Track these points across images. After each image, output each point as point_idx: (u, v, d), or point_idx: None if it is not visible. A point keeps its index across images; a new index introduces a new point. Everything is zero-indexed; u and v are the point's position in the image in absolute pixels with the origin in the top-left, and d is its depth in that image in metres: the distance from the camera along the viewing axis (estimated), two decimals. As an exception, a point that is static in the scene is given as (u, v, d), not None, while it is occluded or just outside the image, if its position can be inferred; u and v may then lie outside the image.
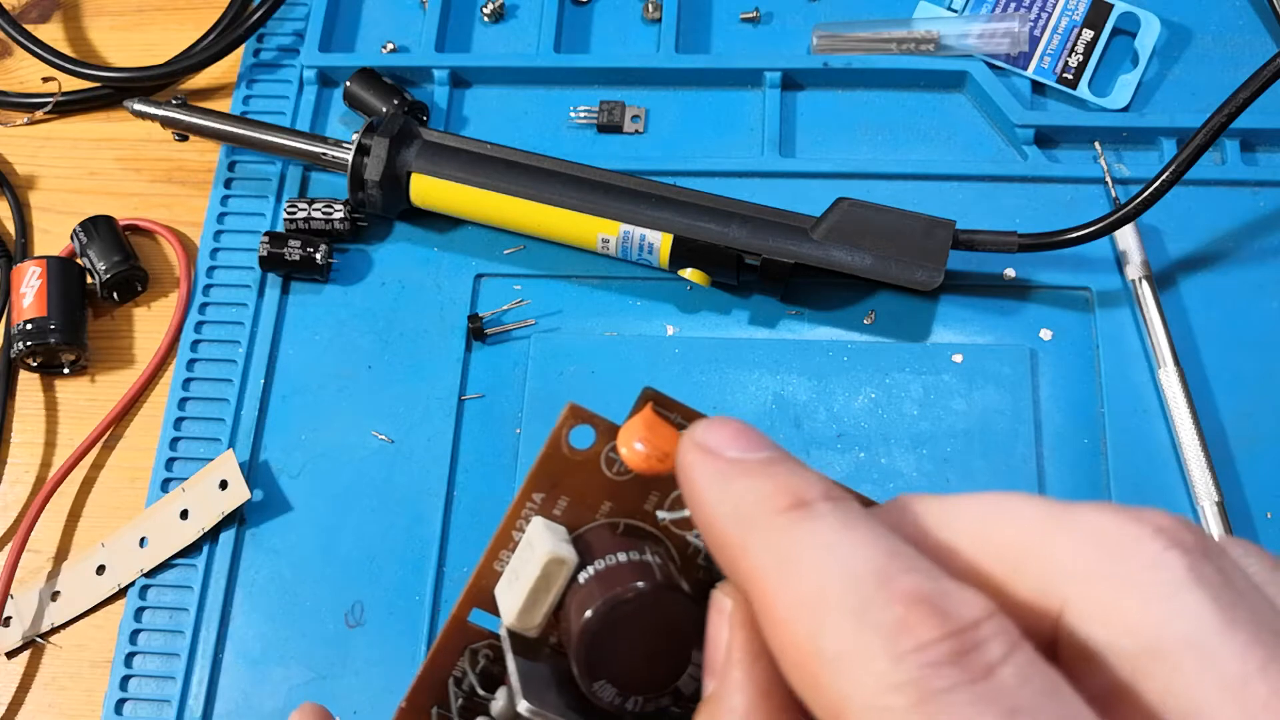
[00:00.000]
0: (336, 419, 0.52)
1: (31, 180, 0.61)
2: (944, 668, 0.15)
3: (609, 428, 0.23)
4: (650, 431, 0.22)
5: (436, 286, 0.55)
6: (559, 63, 0.59)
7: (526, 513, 0.23)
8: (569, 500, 0.23)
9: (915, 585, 0.16)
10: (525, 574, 0.22)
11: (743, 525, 0.19)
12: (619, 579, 0.22)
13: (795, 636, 0.17)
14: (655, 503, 0.24)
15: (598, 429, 0.23)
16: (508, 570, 0.23)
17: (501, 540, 0.23)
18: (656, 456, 0.22)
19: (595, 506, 0.24)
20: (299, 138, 0.56)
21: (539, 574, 0.22)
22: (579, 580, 0.22)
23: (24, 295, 0.54)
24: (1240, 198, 0.54)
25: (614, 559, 0.22)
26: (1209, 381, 0.50)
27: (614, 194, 0.52)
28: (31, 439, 0.55)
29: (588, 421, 0.23)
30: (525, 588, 0.22)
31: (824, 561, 0.17)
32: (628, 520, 0.24)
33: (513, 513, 0.23)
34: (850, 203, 0.51)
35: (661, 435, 0.22)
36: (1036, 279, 0.53)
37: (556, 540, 0.22)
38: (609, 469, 0.23)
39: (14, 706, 0.49)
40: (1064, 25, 0.58)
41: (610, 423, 0.23)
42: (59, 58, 0.61)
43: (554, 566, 0.22)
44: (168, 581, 0.50)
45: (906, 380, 0.51)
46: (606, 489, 0.23)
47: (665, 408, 0.23)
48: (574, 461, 0.23)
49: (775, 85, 0.57)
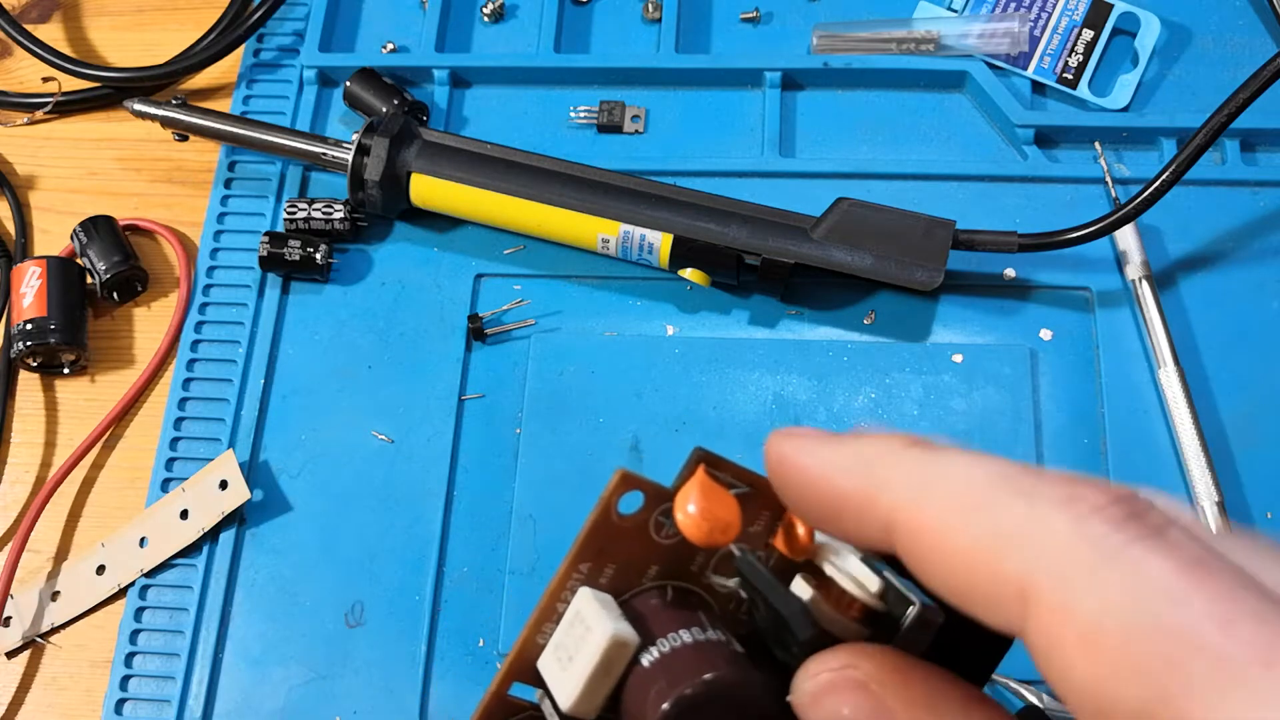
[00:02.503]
0: (336, 419, 0.52)
1: (31, 180, 0.61)
2: (1124, 523, 0.16)
3: (658, 491, 0.22)
4: (708, 500, 0.21)
5: (436, 286, 0.55)
6: (559, 63, 0.59)
7: (573, 584, 0.22)
8: (615, 567, 0.23)
9: (1064, 474, 0.17)
10: (583, 656, 0.21)
11: (872, 468, 0.19)
12: (690, 666, 0.21)
13: (962, 536, 0.17)
14: (700, 564, 0.23)
15: (646, 493, 0.22)
16: (554, 645, 0.22)
17: (546, 612, 0.22)
18: (719, 529, 0.21)
19: (641, 571, 0.23)
20: (299, 138, 0.56)
21: (600, 659, 0.21)
22: (642, 663, 0.21)
23: (24, 295, 0.54)
24: (1240, 198, 0.54)
25: (678, 639, 0.22)
26: (1209, 381, 0.50)
27: (614, 194, 0.52)
28: (31, 439, 0.55)
29: (637, 487, 0.22)
30: (584, 672, 0.21)
31: (973, 466, 0.18)
32: (674, 583, 0.23)
33: (558, 583, 0.22)
34: (850, 203, 0.51)
35: (720, 503, 0.21)
36: (1036, 279, 0.53)
37: (614, 619, 0.22)
38: (656, 533, 0.22)
39: (14, 706, 0.49)
40: (1064, 25, 0.58)
41: (659, 486, 0.22)
42: (59, 58, 0.61)
43: (616, 651, 0.21)
44: (168, 581, 0.50)
45: (906, 380, 0.51)
46: (653, 553, 0.23)
47: (716, 467, 0.22)
48: (621, 528, 0.22)
49: (775, 85, 0.57)
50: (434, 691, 0.47)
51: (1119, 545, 0.16)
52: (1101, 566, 0.16)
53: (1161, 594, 0.15)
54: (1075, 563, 0.16)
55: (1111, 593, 0.16)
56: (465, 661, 0.47)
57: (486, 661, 0.47)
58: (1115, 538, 0.16)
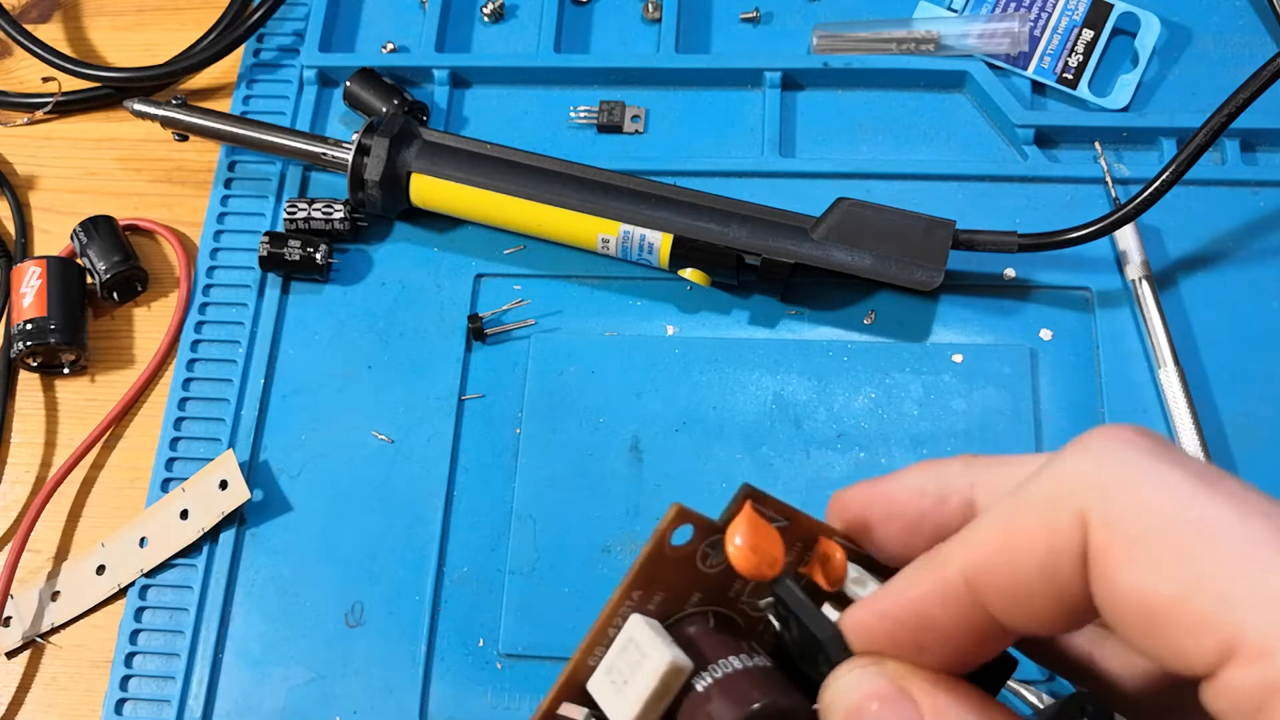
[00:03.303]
0: (336, 419, 0.52)
1: (31, 180, 0.61)
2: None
3: (708, 525, 0.23)
4: (757, 535, 0.23)
5: (436, 286, 0.55)
6: (559, 63, 0.59)
7: (625, 610, 0.24)
8: (663, 594, 0.24)
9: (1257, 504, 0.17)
10: (640, 680, 0.23)
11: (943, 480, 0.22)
12: (742, 689, 0.22)
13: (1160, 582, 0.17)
14: (738, 590, 0.25)
15: (697, 527, 0.23)
16: (606, 667, 0.23)
17: (598, 636, 0.24)
18: (767, 563, 0.22)
19: (685, 597, 0.24)
20: (299, 138, 0.56)
21: (658, 683, 0.22)
22: (696, 687, 0.23)
23: (24, 295, 0.54)
24: (1240, 198, 0.54)
25: (729, 665, 0.23)
26: (1209, 381, 0.50)
27: (614, 194, 0.52)
28: (31, 439, 0.55)
29: (689, 521, 0.23)
30: (642, 695, 0.22)
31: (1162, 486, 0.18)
32: (716, 609, 0.25)
33: (612, 609, 0.24)
34: (850, 203, 0.51)
35: (768, 539, 0.23)
36: (1036, 279, 0.53)
37: (668, 645, 0.23)
38: (703, 563, 0.24)
39: (14, 706, 0.49)
40: (1064, 25, 0.58)
41: (709, 520, 0.23)
42: (59, 58, 0.61)
43: (672, 676, 0.23)
44: (168, 581, 0.50)
45: (906, 380, 0.51)
46: (698, 581, 0.24)
47: (760, 503, 0.23)
48: (672, 559, 0.23)
49: (775, 85, 0.57)
50: (434, 691, 0.47)
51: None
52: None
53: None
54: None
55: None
56: (465, 661, 0.47)
57: (486, 661, 0.47)
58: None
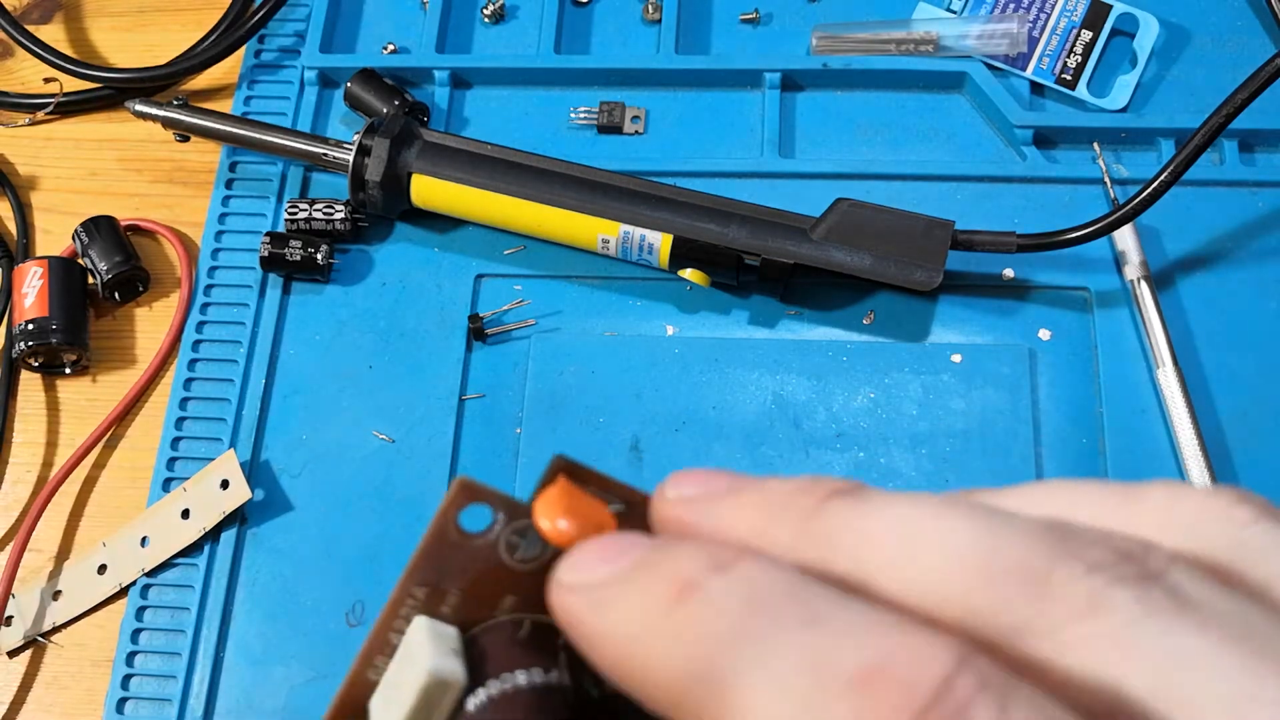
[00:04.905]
0: (337, 419, 0.52)
1: (33, 180, 0.61)
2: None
3: (509, 506, 0.19)
4: (579, 511, 0.19)
5: (437, 287, 0.55)
6: (559, 64, 0.59)
7: (407, 611, 0.19)
8: (460, 595, 0.19)
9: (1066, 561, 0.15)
10: (404, 696, 0.18)
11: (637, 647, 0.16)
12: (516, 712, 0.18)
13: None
14: None
15: (496, 507, 0.19)
16: (385, 682, 0.19)
17: (377, 643, 0.19)
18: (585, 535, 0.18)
19: (494, 602, 0.19)
20: (300, 138, 0.56)
21: (416, 700, 0.18)
22: (468, 708, 0.18)
23: (26, 295, 0.55)
24: (1239, 198, 0.54)
25: (511, 681, 0.19)
26: (1207, 381, 0.50)
27: (614, 194, 0.52)
28: (33, 439, 0.55)
29: (483, 499, 0.19)
30: (404, 710, 0.18)
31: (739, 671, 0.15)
32: (535, 617, 0.19)
33: (390, 611, 0.19)
34: (849, 203, 0.51)
35: (591, 508, 0.19)
36: (1035, 279, 0.53)
37: (441, 653, 0.18)
38: (510, 555, 0.19)
39: (15, 705, 0.49)
40: (1063, 26, 0.58)
41: (510, 498, 0.19)
42: (60, 58, 0.61)
43: (436, 690, 0.18)
44: (169, 581, 0.50)
45: (906, 380, 0.51)
46: (507, 580, 0.19)
47: (580, 479, 0.19)
48: (467, 548, 0.19)
49: (775, 86, 0.58)
50: (434, 690, 0.47)
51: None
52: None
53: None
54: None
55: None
56: (466, 660, 0.47)
57: (487, 660, 0.47)
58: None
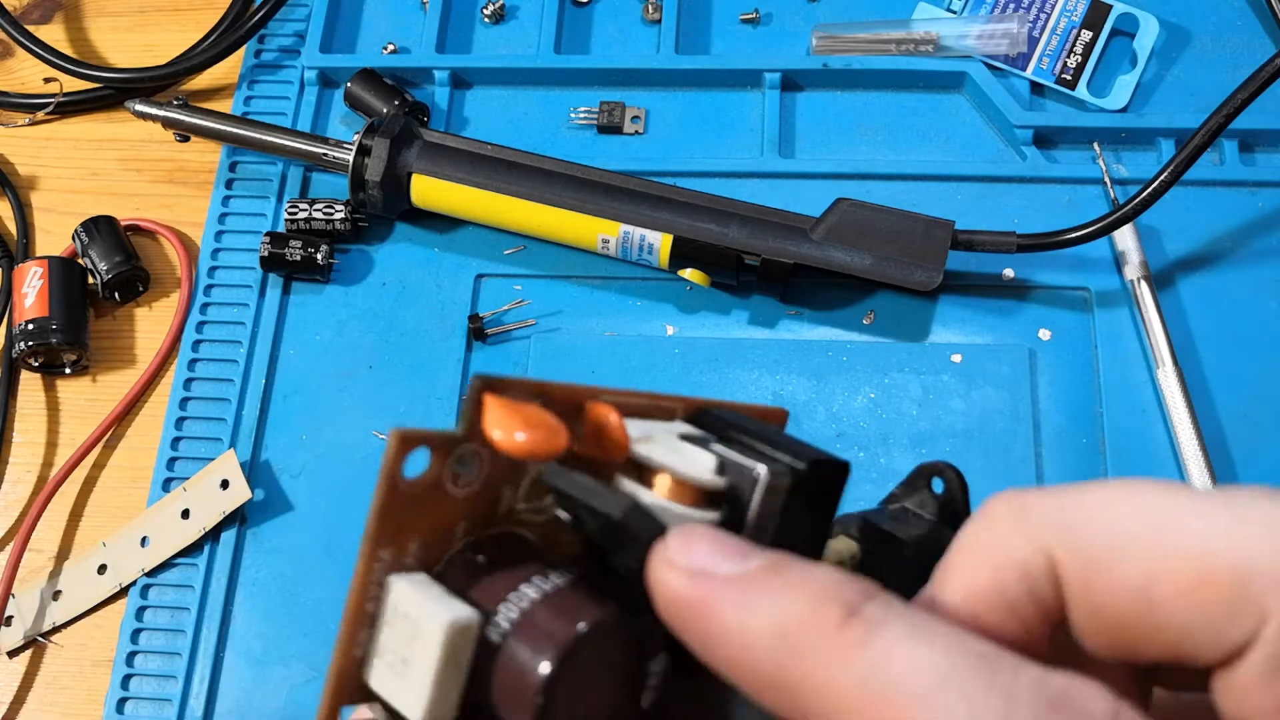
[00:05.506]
0: (337, 419, 0.52)
1: (33, 180, 0.61)
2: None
3: (444, 439, 0.19)
4: (519, 414, 0.19)
5: (437, 286, 0.55)
6: (559, 64, 0.59)
7: (377, 576, 0.19)
8: (419, 541, 0.19)
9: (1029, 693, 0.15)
10: (422, 656, 0.18)
11: (796, 653, 0.16)
12: (545, 625, 0.18)
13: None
14: (509, 501, 0.20)
15: (433, 445, 0.19)
16: (381, 652, 0.19)
17: (356, 618, 0.19)
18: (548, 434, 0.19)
19: (448, 534, 0.20)
20: (300, 138, 0.56)
21: (443, 653, 0.18)
22: (492, 639, 0.18)
23: (26, 295, 0.55)
24: (1239, 198, 0.54)
25: (522, 600, 0.19)
26: (1207, 381, 0.50)
27: (614, 194, 0.52)
28: (33, 439, 0.55)
29: (421, 443, 0.19)
30: (429, 673, 0.18)
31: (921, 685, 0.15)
32: (488, 533, 0.20)
33: (360, 581, 0.19)
34: (849, 203, 0.51)
35: (531, 412, 0.19)
36: (1035, 279, 0.53)
37: (441, 601, 0.18)
38: (455, 485, 0.19)
39: (15, 705, 0.49)
40: (1063, 26, 0.58)
41: (444, 433, 0.19)
42: (60, 58, 0.61)
43: (459, 637, 0.18)
44: (169, 581, 0.50)
45: (905, 380, 0.51)
46: (455, 510, 0.20)
47: (501, 389, 0.19)
48: (417, 494, 0.19)
49: (775, 86, 0.58)
50: (434, 690, 0.47)
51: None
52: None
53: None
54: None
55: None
56: (466, 660, 0.47)
57: (487, 660, 0.47)
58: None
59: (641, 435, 0.20)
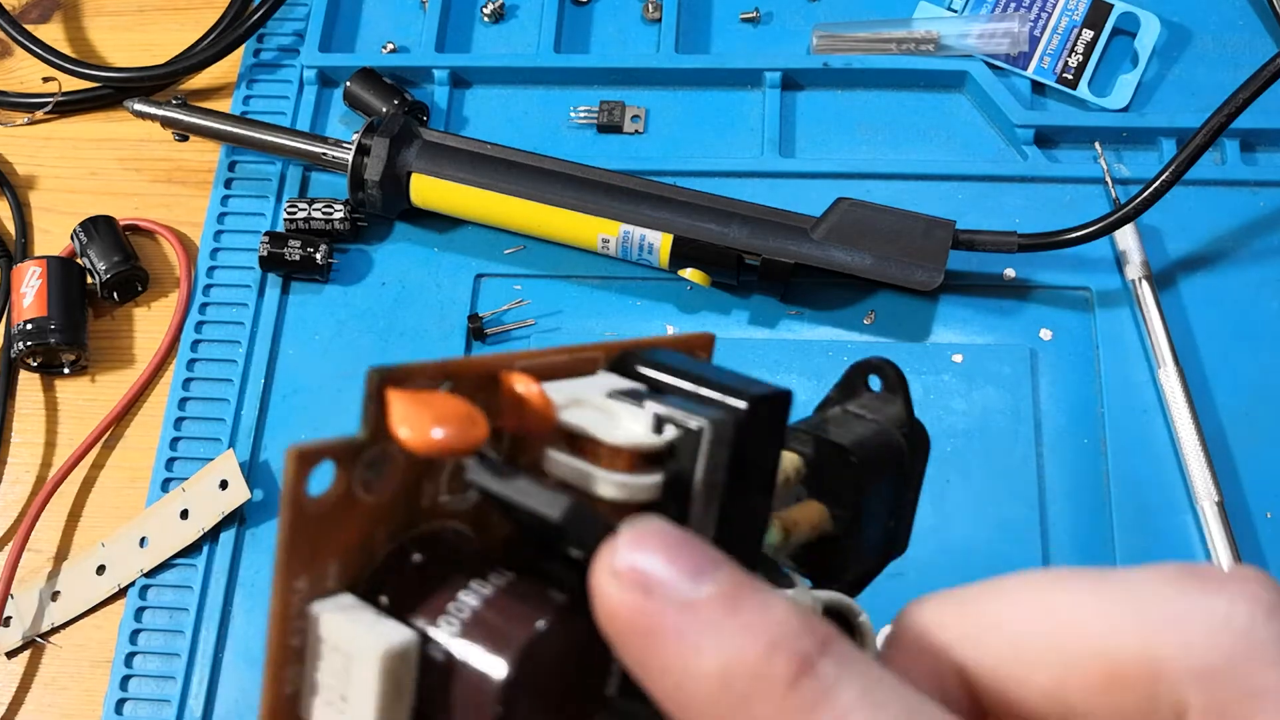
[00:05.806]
0: (337, 419, 0.52)
1: (32, 180, 0.61)
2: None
3: (346, 446, 0.17)
4: (426, 404, 0.17)
5: (436, 286, 0.55)
6: (559, 63, 0.59)
7: (297, 607, 0.18)
8: (337, 560, 0.18)
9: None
10: (360, 691, 0.17)
11: (741, 705, 0.15)
12: (492, 634, 0.17)
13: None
14: (429, 497, 0.19)
15: (335, 456, 0.17)
16: (315, 689, 0.18)
17: (280, 655, 0.17)
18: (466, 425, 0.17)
19: (369, 545, 0.18)
20: (299, 138, 0.56)
21: (382, 685, 0.17)
22: (434, 657, 0.17)
23: (24, 295, 0.54)
24: (1240, 198, 0.54)
25: (462, 610, 0.17)
26: (1208, 381, 0.50)
27: (614, 194, 0.52)
28: (32, 439, 0.55)
29: (322, 456, 0.17)
30: (370, 709, 0.17)
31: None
32: (412, 534, 0.19)
33: (279, 617, 0.17)
34: (850, 203, 0.51)
35: (441, 402, 0.17)
36: (1036, 279, 0.53)
37: (373, 626, 0.17)
38: (367, 493, 0.18)
39: (14, 706, 0.49)
40: (1064, 25, 0.58)
41: (346, 441, 0.17)
42: (59, 58, 0.61)
43: (397, 665, 0.17)
44: (168, 581, 0.50)
45: (906, 380, 0.51)
46: (373, 518, 0.18)
47: (402, 380, 0.18)
48: (323, 514, 0.17)
49: (775, 85, 0.57)
50: (434, 691, 0.47)
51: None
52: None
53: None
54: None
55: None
56: (465, 661, 0.47)
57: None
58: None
59: (567, 400, 0.19)
